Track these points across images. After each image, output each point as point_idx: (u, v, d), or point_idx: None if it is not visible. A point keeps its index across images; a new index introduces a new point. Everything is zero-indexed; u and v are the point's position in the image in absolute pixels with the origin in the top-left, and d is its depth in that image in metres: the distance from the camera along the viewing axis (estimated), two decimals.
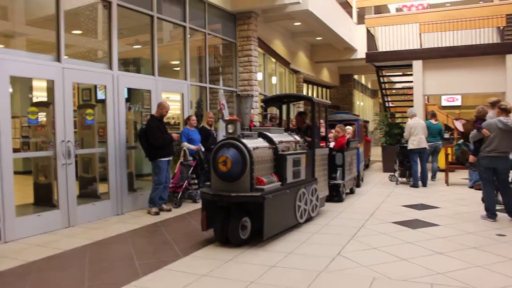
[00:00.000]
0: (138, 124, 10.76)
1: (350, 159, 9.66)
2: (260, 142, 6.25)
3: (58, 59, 7.11)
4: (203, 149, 9.10)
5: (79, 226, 7.14)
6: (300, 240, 6.10)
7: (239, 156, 5.72)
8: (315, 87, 23.87)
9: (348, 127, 11.05)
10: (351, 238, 6.16)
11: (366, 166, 13.85)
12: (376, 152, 18.58)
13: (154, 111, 8.54)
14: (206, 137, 9.37)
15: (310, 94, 22.53)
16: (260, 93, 13.38)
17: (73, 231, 6.86)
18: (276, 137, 6.62)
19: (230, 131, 5.91)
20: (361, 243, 5.89)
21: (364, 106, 32.52)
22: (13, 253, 5.68)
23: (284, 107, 8.86)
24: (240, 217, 5.75)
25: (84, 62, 8.08)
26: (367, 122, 17.37)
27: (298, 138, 7.37)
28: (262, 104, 8.52)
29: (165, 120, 8.28)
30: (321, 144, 8.17)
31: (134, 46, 11.49)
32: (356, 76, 28.30)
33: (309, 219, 7.21)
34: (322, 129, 8.94)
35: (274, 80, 16.53)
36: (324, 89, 25.73)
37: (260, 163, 5.97)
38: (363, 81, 31.76)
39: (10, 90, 6.54)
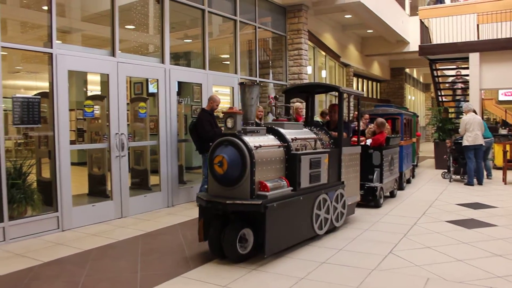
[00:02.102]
0: (189, 118, 10.90)
1: (390, 158, 8.70)
2: (267, 140, 5.28)
3: (112, 53, 7.28)
4: None
5: (131, 217, 7.31)
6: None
7: (237, 156, 4.85)
8: (365, 81, 23.40)
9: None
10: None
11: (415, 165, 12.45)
12: (428, 148, 17.99)
13: (204, 104, 8.60)
14: None
15: (360, 89, 22.13)
16: None
17: (126, 221, 7.03)
18: (290, 134, 5.63)
19: (229, 125, 5.03)
20: (413, 243, 5.67)
21: (416, 100, 31.58)
22: (70, 241, 5.88)
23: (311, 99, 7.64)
24: (239, 228, 4.84)
25: (137, 56, 8.24)
26: (417, 116, 16.05)
27: (321, 134, 6.37)
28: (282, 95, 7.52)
29: (215, 113, 8.31)
30: (353, 141, 7.27)
31: (184, 40, 11.62)
32: (407, 70, 27.50)
33: (332, 229, 6.19)
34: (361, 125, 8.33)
35: (324, 73, 16.30)
36: (374, 83, 25.18)
37: (265, 165, 5.05)
38: (414, 75, 30.83)
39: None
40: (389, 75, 25.62)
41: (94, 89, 12.36)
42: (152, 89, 11.08)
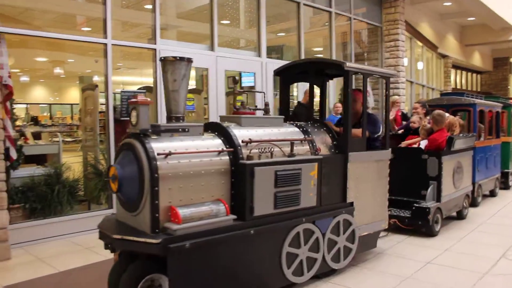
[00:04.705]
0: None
1: (455, 167, 6.55)
2: (198, 143, 3.60)
3: (211, 48, 7.44)
4: None
5: None
6: None
7: (134, 167, 3.37)
8: (463, 72, 22.04)
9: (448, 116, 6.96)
10: None
11: (503, 175, 9.56)
12: None
13: (300, 98, 8.55)
14: None
15: (458, 81, 20.87)
16: (407, 80, 12.67)
17: None
18: (246, 134, 3.90)
19: (133, 122, 3.52)
20: None
21: None
22: None
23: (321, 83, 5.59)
24: (143, 272, 3.32)
25: (234, 50, 8.38)
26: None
27: (317, 134, 4.53)
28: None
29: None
30: (406, 143, 6.00)
31: (278, 34, 11.62)
32: None
33: (330, 272, 4.43)
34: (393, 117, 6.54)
35: (420, 65, 15.56)
36: (474, 75, 23.64)
37: (187, 181, 3.43)
38: None
39: None
40: (491, 65, 23.89)
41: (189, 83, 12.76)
42: (246, 82, 11.22)
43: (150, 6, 6.94)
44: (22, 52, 10.70)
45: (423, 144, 6.41)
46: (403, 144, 6.70)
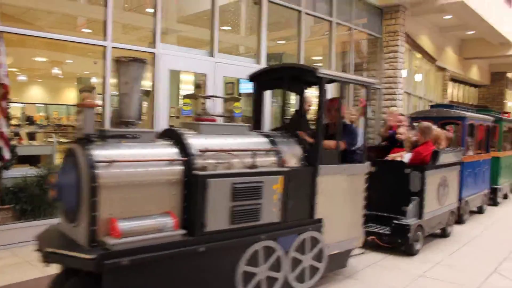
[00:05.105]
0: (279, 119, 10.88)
1: (440, 182, 6.25)
2: (148, 152, 3.34)
3: (211, 54, 7.42)
4: None
5: None
6: None
7: (73, 175, 3.13)
8: (461, 86, 22.12)
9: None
10: None
11: (492, 191, 9.24)
12: None
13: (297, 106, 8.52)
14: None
15: (456, 95, 20.93)
16: (405, 92, 12.67)
17: None
18: (204, 142, 3.61)
19: (79, 126, 3.27)
20: None
21: None
22: None
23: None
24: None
25: (233, 57, 8.35)
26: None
27: (285, 144, 4.22)
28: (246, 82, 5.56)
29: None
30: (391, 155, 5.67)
31: (277, 42, 11.62)
32: (510, 74, 25.61)
33: None
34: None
35: (418, 77, 15.59)
36: (471, 88, 23.73)
37: (132, 192, 3.18)
38: None
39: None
40: (489, 79, 24.00)
41: (186, 88, 12.75)
42: (243, 89, 11.19)
43: (151, 10, 6.92)
44: (21, 52, 10.66)
45: (407, 157, 6.10)
46: (390, 157, 6.39)
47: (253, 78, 5.08)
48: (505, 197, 10.16)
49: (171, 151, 3.45)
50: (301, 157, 4.23)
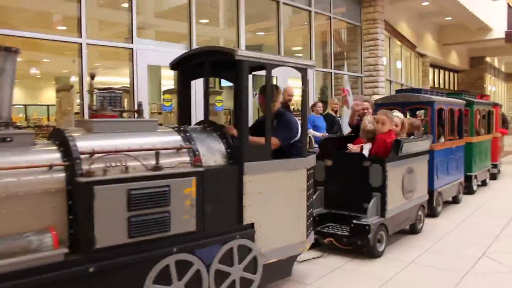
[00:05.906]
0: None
1: (405, 174, 5.44)
2: (16, 157, 2.73)
3: (190, 47, 7.34)
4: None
5: None
6: None
7: None
8: (441, 71, 22.33)
9: (397, 114, 5.95)
10: None
11: (467, 179, 8.50)
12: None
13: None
14: (332, 124, 9.11)
15: (436, 80, 21.12)
16: (386, 79, 12.74)
17: None
18: (95, 142, 3.01)
19: None
20: None
21: (497, 91, 29.74)
22: None
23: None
24: None
25: None
26: (497, 105, 11.14)
27: (203, 140, 3.57)
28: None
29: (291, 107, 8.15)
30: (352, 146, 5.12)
31: (257, 33, 11.56)
32: (488, 59, 25.93)
33: None
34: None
35: (399, 64, 15.69)
36: (451, 74, 23.98)
37: None
38: (495, 64, 29.03)
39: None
40: (467, 64, 24.29)
41: (168, 84, 12.63)
42: (224, 82, 11.12)
43: (126, 5, 6.81)
44: None
45: (367, 148, 5.38)
46: (351, 147, 5.53)
47: (174, 66, 4.35)
48: (484, 183, 9.71)
49: (52, 156, 2.85)
50: (224, 155, 3.61)
